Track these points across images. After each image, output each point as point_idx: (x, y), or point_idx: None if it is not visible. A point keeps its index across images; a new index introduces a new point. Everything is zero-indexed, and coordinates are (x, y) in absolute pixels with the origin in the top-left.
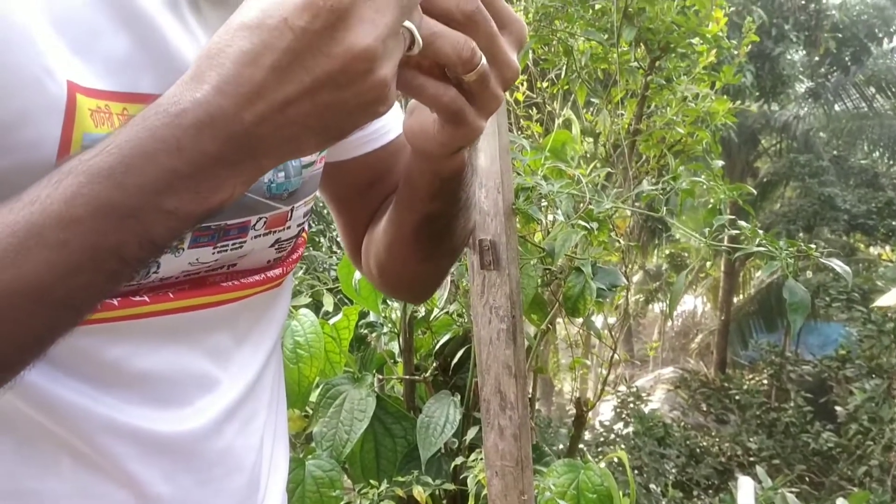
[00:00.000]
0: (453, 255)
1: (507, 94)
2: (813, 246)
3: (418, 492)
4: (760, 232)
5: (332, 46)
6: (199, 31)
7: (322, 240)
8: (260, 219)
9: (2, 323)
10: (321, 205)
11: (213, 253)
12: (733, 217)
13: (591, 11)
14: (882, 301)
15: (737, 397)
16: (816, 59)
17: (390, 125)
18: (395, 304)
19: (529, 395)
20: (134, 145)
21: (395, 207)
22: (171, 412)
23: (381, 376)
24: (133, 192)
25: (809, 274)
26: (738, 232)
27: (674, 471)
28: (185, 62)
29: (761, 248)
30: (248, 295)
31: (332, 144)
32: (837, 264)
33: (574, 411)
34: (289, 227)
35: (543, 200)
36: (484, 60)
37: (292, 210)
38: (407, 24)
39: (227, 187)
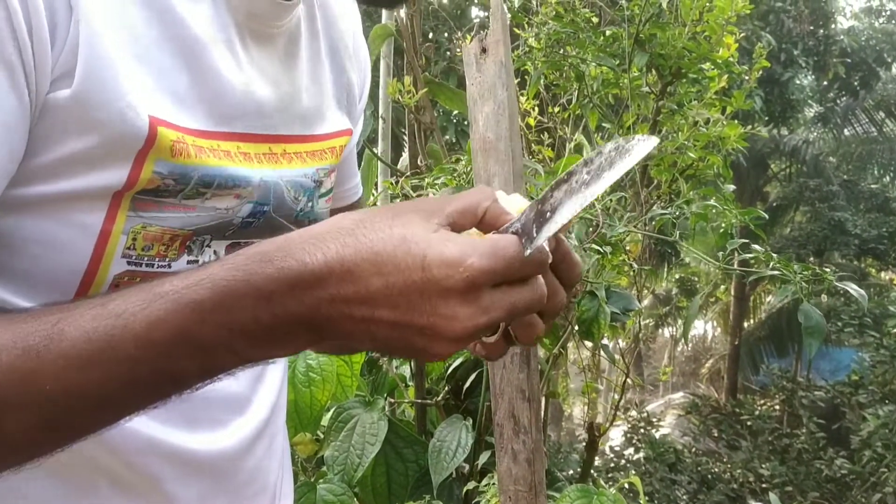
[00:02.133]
0: None
1: (519, 119)
2: (828, 269)
3: None
4: (774, 256)
5: (442, 307)
6: (249, 68)
7: None
8: None
9: (50, 415)
10: None
11: None
12: (746, 241)
13: (602, 37)
14: None
15: (748, 423)
16: (825, 83)
17: (357, 188)
18: None
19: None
20: (230, 286)
21: None
22: (208, 433)
23: (392, 400)
24: (212, 329)
25: (823, 298)
26: (750, 256)
27: (685, 497)
28: (236, 97)
29: (775, 272)
30: None
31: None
32: (853, 288)
33: (585, 436)
34: None
35: None
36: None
37: None
38: (502, 326)
39: (289, 347)
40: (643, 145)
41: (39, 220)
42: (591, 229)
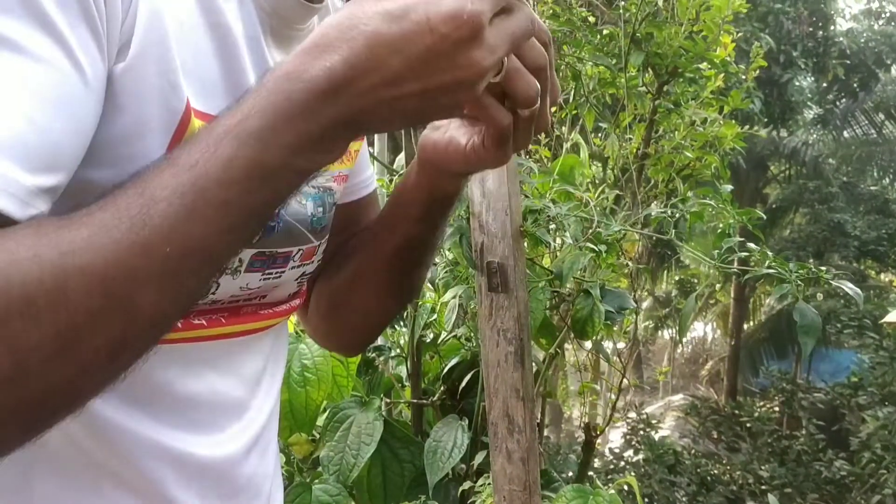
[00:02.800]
0: (411, 296)
1: None
2: (824, 269)
3: None
4: (770, 254)
5: (460, 58)
6: (268, 65)
7: None
8: (299, 250)
9: (173, 280)
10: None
11: (260, 280)
12: (743, 240)
13: (598, 37)
14: (891, 317)
15: (748, 425)
16: (825, 85)
17: (370, 179)
18: (404, 329)
19: (538, 420)
20: (276, 109)
21: (375, 232)
22: (209, 437)
23: (388, 400)
24: (276, 152)
25: (820, 297)
26: (747, 255)
27: (685, 499)
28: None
29: (771, 271)
30: (277, 323)
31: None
32: (849, 287)
33: (583, 437)
34: (312, 263)
35: (552, 223)
36: None
37: (319, 246)
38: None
39: (336, 150)
40: None
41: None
42: (586, 228)
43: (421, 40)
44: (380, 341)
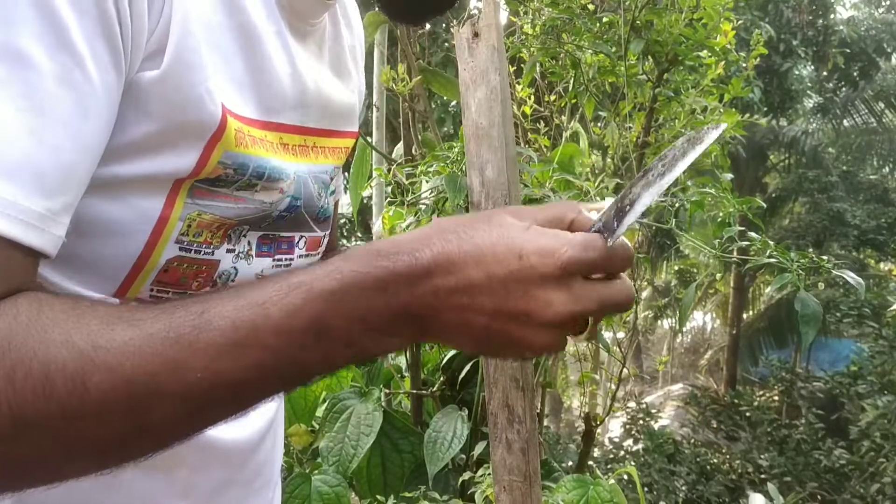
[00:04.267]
0: None
1: (515, 107)
2: (825, 258)
3: None
4: (771, 243)
5: (538, 292)
6: (293, 61)
7: None
8: (302, 237)
9: (194, 405)
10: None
11: (272, 266)
12: (743, 229)
13: (598, 24)
14: None
15: (747, 414)
16: (825, 74)
17: (341, 185)
18: None
19: (538, 410)
20: (354, 277)
21: None
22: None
23: (388, 391)
24: (339, 317)
25: (821, 286)
26: (748, 244)
27: (684, 488)
28: (283, 88)
29: (772, 260)
30: None
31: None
32: (850, 275)
33: (583, 427)
34: (318, 254)
35: None
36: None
37: (323, 237)
38: (591, 323)
39: (393, 340)
40: (713, 133)
41: (101, 202)
42: None
43: (507, 262)
44: None
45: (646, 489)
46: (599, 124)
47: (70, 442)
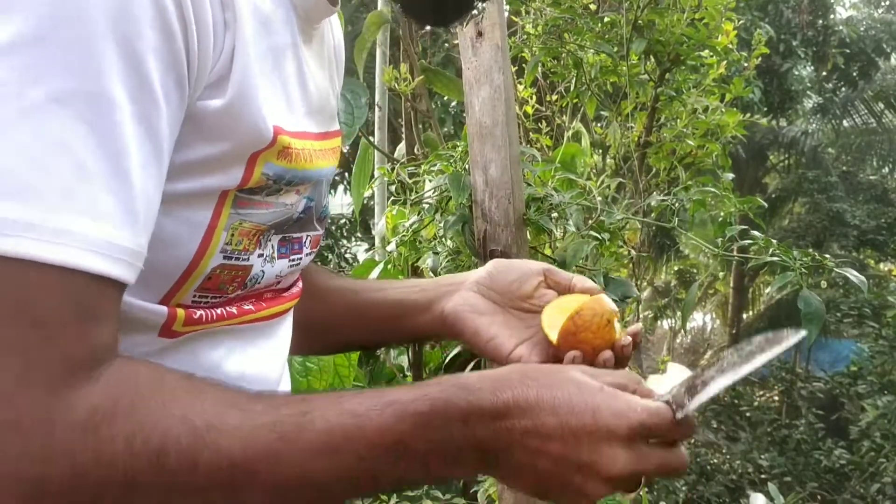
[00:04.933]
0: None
1: (517, 107)
2: (827, 257)
3: None
4: (774, 242)
5: (605, 447)
6: (305, 67)
7: (330, 255)
8: (307, 237)
9: (279, 496)
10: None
11: (288, 267)
12: (745, 227)
13: (600, 24)
14: None
15: (748, 414)
16: (824, 74)
17: None
18: None
19: None
20: (439, 405)
21: (336, 306)
22: None
23: None
24: (421, 441)
25: (823, 285)
26: (749, 242)
27: (684, 488)
28: (306, 98)
29: (775, 258)
30: (293, 305)
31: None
32: (853, 274)
33: None
34: (315, 252)
35: (554, 211)
36: None
37: (322, 235)
38: (643, 479)
39: (465, 468)
40: (792, 337)
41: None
42: (588, 216)
43: (582, 417)
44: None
45: (646, 489)
46: (601, 124)
47: None
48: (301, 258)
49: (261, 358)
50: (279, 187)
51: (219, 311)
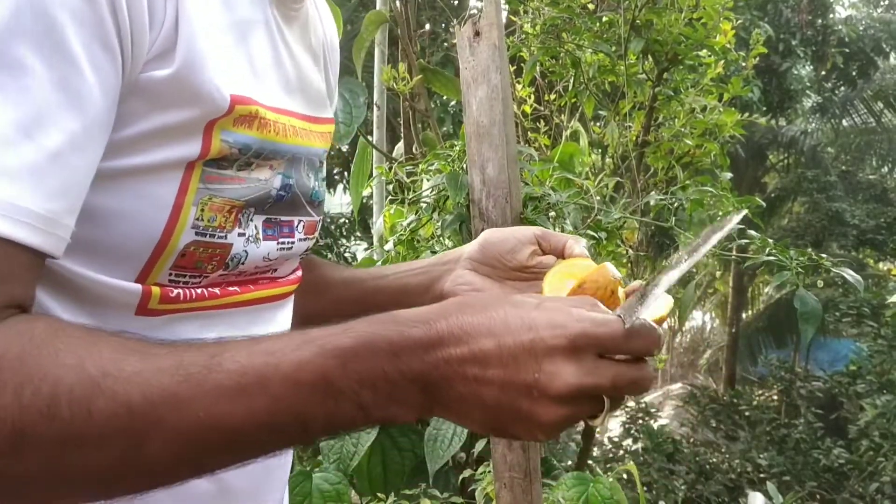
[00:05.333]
0: None
1: (515, 106)
2: (824, 256)
3: None
4: (771, 241)
5: (547, 363)
6: (281, 47)
7: (329, 255)
8: (300, 221)
9: (188, 445)
10: (328, 220)
11: (277, 250)
12: (743, 227)
13: (598, 24)
14: None
15: (746, 413)
16: (824, 73)
17: None
18: None
19: None
20: (367, 338)
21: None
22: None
23: None
24: (348, 376)
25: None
26: (747, 242)
27: (683, 487)
28: (279, 75)
29: (771, 258)
30: (291, 291)
31: (477, 434)
32: (849, 273)
33: (582, 425)
34: (314, 238)
35: (552, 211)
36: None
37: (319, 222)
38: (606, 405)
39: (404, 407)
40: (734, 218)
41: (118, 192)
42: (586, 216)
43: (519, 335)
44: None
45: (645, 488)
46: (599, 123)
47: (66, 466)
48: (293, 242)
49: None
50: (248, 160)
51: (199, 290)
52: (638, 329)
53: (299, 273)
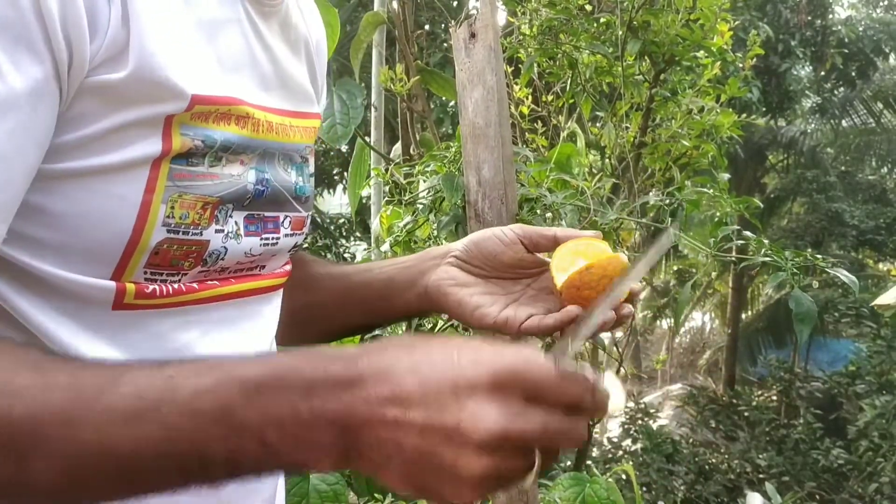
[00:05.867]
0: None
1: (513, 107)
2: (820, 257)
3: None
4: (766, 242)
5: (469, 403)
6: (255, 43)
7: (329, 255)
8: (286, 217)
9: (75, 466)
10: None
11: (260, 245)
12: (739, 228)
13: (595, 25)
14: (881, 299)
15: (746, 414)
16: (823, 74)
17: None
18: None
19: None
20: (279, 370)
21: (330, 293)
22: None
23: None
24: (252, 410)
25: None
26: (744, 242)
27: (682, 488)
28: (257, 71)
29: (767, 259)
30: (278, 284)
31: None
32: (843, 274)
33: None
34: (302, 234)
35: (548, 212)
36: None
37: (307, 218)
38: (537, 461)
39: (315, 452)
40: (665, 240)
41: (84, 193)
42: (583, 217)
43: (441, 370)
44: (377, 329)
45: (644, 489)
46: (597, 124)
47: None
48: (278, 238)
49: (242, 341)
50: (218, 154)
51: (176, 285)
52: (571, 372)
53: (287, 267)
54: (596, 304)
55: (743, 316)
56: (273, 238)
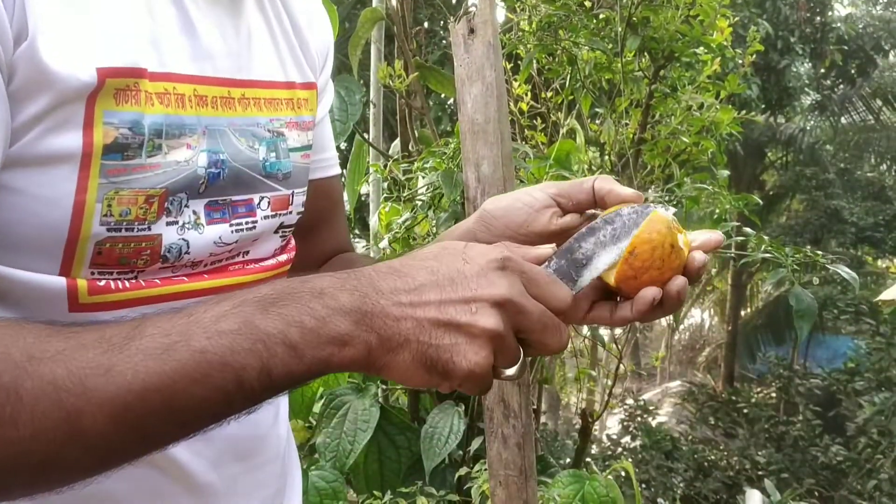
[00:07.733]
0: None
1: (512, 104)
2: (820, 253)
3: (422, 502)
4: (766, 238)
5: (483, 280)
6: (193, 10)
7: None
8: (263, 198)
9: (127, 411)
10: None
11: (232, 232)
12: (738, 224)
13: (595, 21)
14: (885, 295)
15: (745, 411)
16: (822, 71)
17: (334, 160)
18: None
19: (534, 406)
20: (287, 286)
21: None
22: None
23: (385, 387)
24: (272, 318)
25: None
26: (743, 239)
27: (681, 485)
28: (173, 42)
29: (767, 255)
30: (267, 278)
31: (428, 380)
32: (844, 270)
33: (580, 424)
34: (290, 213)
35: None
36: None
37: (293, 195)
38: (522, 354)
39: (337, 345)
40: (661, 210)
41: (9, 197)
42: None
43: (452, 262)
44: None
45: (643, 486)
46: (596, 121)
47: (4, 453)
48: (255, 222)
49: None
50: (155, 142)
51: (131, 281)
52: (556, 279)
53: (283, 258)
54: (589, 242)
55: (742, 313)
56: (248, 222)
